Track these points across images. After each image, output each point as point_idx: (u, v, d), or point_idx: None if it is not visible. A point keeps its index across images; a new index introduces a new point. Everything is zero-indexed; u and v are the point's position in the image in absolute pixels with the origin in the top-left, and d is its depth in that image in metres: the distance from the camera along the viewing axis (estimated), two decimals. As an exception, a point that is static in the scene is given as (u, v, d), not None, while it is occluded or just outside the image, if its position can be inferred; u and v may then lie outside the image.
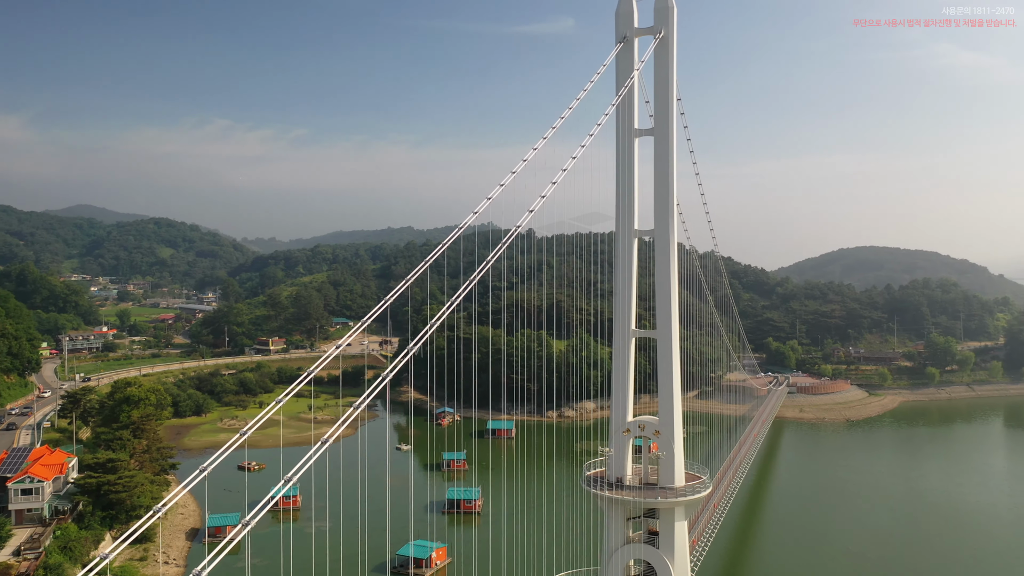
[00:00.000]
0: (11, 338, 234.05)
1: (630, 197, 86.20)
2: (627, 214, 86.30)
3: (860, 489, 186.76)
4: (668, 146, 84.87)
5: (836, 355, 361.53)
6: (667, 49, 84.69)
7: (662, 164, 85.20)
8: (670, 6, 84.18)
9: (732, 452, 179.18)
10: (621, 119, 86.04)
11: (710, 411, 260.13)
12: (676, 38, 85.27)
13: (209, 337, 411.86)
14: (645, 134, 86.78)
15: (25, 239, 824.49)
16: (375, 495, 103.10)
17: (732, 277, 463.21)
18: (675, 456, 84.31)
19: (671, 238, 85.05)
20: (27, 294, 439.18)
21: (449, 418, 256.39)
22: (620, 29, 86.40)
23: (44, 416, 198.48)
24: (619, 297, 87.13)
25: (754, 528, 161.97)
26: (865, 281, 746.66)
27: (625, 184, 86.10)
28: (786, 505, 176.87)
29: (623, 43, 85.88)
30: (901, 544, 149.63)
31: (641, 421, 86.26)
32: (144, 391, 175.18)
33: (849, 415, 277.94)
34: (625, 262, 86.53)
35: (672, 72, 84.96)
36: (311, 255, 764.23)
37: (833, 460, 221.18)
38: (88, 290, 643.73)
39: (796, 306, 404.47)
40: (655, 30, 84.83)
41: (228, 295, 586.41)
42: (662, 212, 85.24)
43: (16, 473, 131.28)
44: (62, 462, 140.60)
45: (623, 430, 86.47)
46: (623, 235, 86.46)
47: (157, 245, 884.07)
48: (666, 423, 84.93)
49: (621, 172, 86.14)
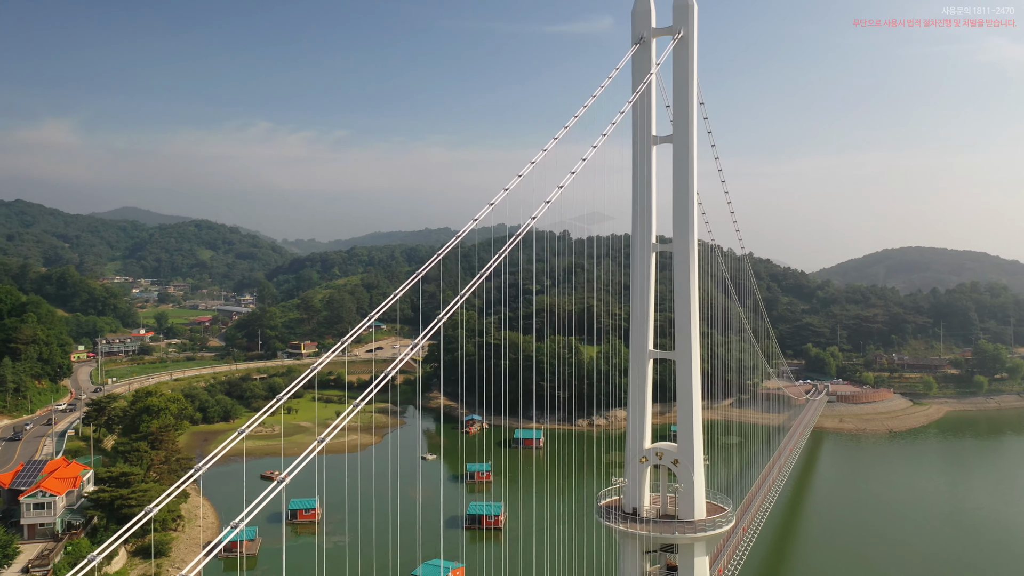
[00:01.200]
0: (42, 344, 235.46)
1: (647, 210, 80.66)
2: (644, 228, 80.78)
3: (901, 507, 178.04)
4: (688, 154, 79.14)
5: (878, 362, 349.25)
6: (687, 50, 79.05)
7: (682, 174, 79.52)
8: (690, 4, 78.53)
9: (765, 469, 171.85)
10: (637, 125, 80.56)
11: (746, 420, 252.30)
12: (697, 38, 79.56)
13: (243, 340, 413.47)
14: (663, 141, 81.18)
15: (70, 241, 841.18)
16: (396, 508, 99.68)
17: (771, 280, 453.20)
18: (695, 488, 78.56)
19: (691, 254, 79.24)
20: (67, 297, 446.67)
21: (477, 426, 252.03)
22: (637, 29, 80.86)
23: (70, 424, 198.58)
24: (635, 316, 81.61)
25: (787, 550, 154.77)
26: (910, 283, 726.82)
27: (642, 195, 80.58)
28: (822, 524, 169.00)
29: (640, 44, 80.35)
30: (944, 569, 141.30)
31: (659, 448, 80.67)
32: (164, 401, 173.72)
33: (892, 425, 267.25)
34: (642, 279, 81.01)
35: (692, 74, 79.28)
36: (347, 257, 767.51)
37: (874, 474, 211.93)
38: (129, 292, 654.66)
39: (837, 310, 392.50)
40: (674, 30, 79.25)
41: (264, 297, 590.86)
42: (681, 226, 79.56)
43: (30, 486, 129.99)
44: (76, 475, 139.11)
45: (639, 458, 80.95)
46: (640, 250, 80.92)
47: (197, 247, 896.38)
48: (685, 451, 79.26)
49: (637, 182, 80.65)
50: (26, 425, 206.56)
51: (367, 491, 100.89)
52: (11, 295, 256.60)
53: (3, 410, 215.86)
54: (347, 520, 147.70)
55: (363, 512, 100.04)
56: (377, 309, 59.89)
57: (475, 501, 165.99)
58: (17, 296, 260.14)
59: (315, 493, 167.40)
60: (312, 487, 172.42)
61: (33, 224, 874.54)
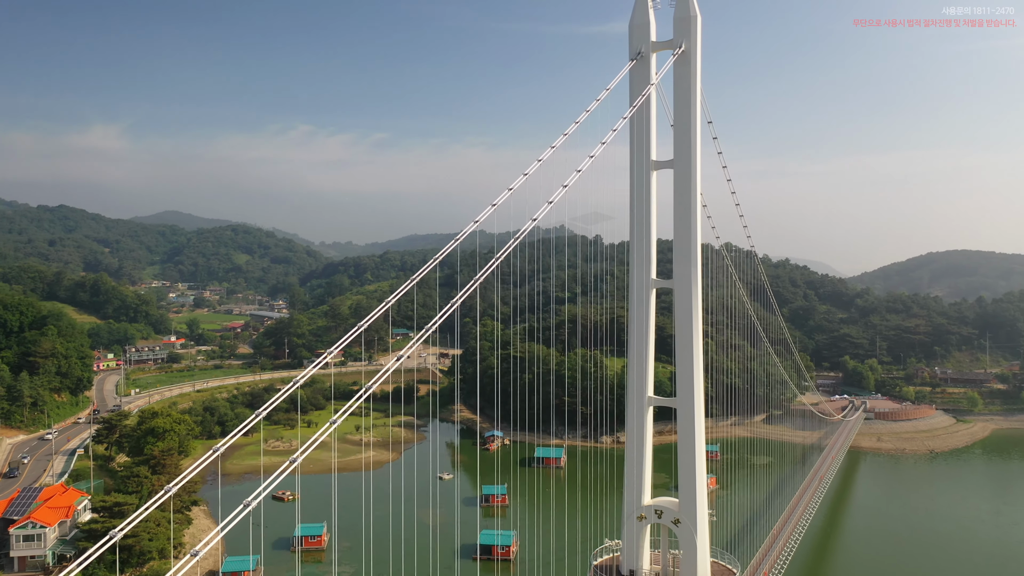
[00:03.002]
0: (60, 357, 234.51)
1: (646, 243, 73.34)
2: (643, 262, 73.48)
3: (940, 538, 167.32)
4: (691, 182, 71.66)
5: (920, 376, 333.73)
6: (689, 66, 71.56)
7: (684, 203, 72.03)
8: (692, 15, 71.05)
9: (794, 498, 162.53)
10: (635, 149, 73.34)
11: (777, 438, 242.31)
12: (700, 52, 72.02)
13: (270, 348, 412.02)
14: (664, 167, 73.77)
15: (110, 246, 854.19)
16: (407, 535, 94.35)
17: (808, 287, 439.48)
18: (698, 551, 70.98)
19: (694, 292, 71.73)
20: (100, 304, 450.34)
21: (498, 442, 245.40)
22: (635, 44, 73.59)
23: (82, 442, 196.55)
24: (633, 359, 74.29)
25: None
26: (955, 288, 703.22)
27: (641, 227, 73.29)
28: (856, 556, 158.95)
29: (637, 60, 73.04)
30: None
31: (659, 506, 73.25)
32: (170, 422, 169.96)
33: (933, 445, 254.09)
34: (640, 319, 73.68)
35: (695, 93, 71.77)
36: (379, 262, 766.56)
37: (912, 500, 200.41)
38: (166, 297, 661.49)
39: (876, 320, 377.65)
40: (675, 44, 71.85)
41: (294, 303, 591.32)
42: (684, 261, 72.06)
43: (22, 516, 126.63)
44: (70, 504, 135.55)
45: (637, 515, 73.63)
46: (639, 286, 73.63)
47: (234, 251, 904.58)
48: (687, 510, 71.72)
49: (636, 213, 73.38)
50: (45, 436, 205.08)
51: (378, 514, 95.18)
52: (32, 308, 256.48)
53: (20, 425, 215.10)
54: (357, 547, 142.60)
55: (373, 539, 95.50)
56: (377, 310, 55.80)
57: (487, 529, 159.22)
58: (38, 309, 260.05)
59: (326, 516, 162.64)
60: (324, 509, 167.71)
61: (75, 229, 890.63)
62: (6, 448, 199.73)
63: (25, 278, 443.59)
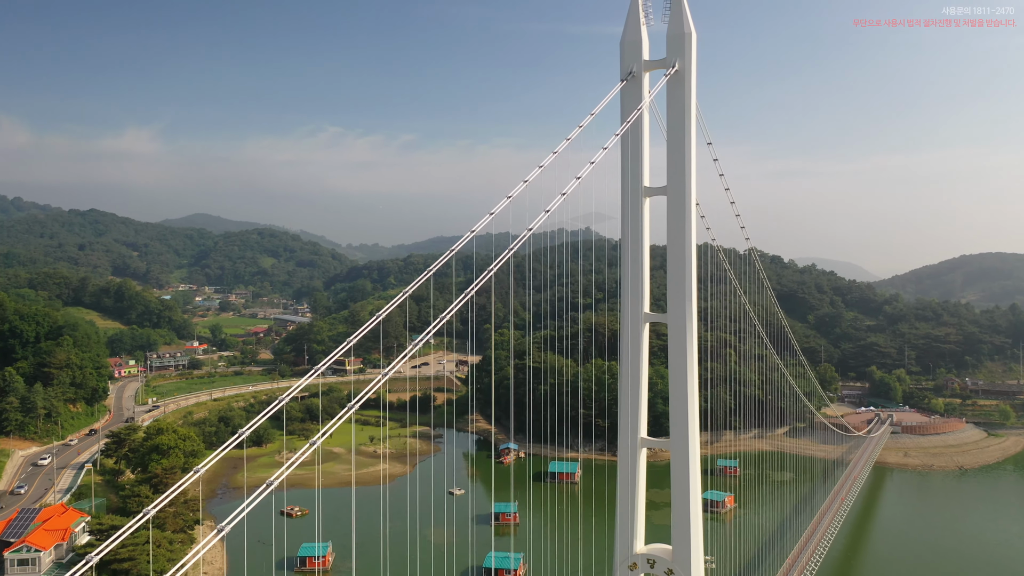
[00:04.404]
0: (75, 368, 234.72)
1: (639, 274, 68.98)
2: (636, 295, 69.15)
3: (967, 563, 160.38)
4: (685, 212, 67.12)
5: (949, 387, 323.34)
6: (683, 86, 67.04)
7: (677, 233, 67.55)
8: (686, 32, 66.53)
9: (814, 520, 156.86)
10: (627, 174, 69.11)
11: (800, 452, 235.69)
12: (695, 72, 67.48)
13: (290, 355, 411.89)
14: (657, 193, 69.38)
15: (139, 250, 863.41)
16: (413, 556, 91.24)
17: (834, 294, 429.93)
18: (692, 604, 66.56)
19: (689, 329, 67.24)
20: (124, 310, 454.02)
21: (512, 455, 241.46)
22: (626, 63, 69.18)
23: (92, 456, 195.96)
24: (625, 399, 69.95)
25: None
26: (989, 292, 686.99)
27: (634, 257, 68.92)
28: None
29: (628, 80, 68.71)
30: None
31: (651, 554, 68.88)
32: (175, 439, 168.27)
33: (963, 461, 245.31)
34: (632, 355, 69.36)
35: (690, 115, 67.22)
36: (403, 265, 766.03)
37: (939, 520, 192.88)
38: (192, 300, 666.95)
39: (905, 328, 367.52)
40: (668, 63, 67.39)
41: (316, 308, 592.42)
42: (678, 297, 67.60)
43: (19, 539, 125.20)
44: (67, 527, 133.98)
45: (629, 564, 69.34)
46: (631, 322, 69.32)
47: (259, 255, 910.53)
48: (681, 560, 67.27)
49: (627, 243, 69.07)
50: (44, 456, 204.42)
51: (387, 531, 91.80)
52: (48, 318, 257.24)
53: (34, 436, 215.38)
54: (362, 568, 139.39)
55: (379, 559, 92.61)
56: (373, 318, 52.24)
57: (494, 551, 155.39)
58: (54, 319, 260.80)
59: (333, 533, 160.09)
60: (332, 526, 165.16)
61: (105, 233, 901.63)
62: (18, 461, 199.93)
63: (51, 284, 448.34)
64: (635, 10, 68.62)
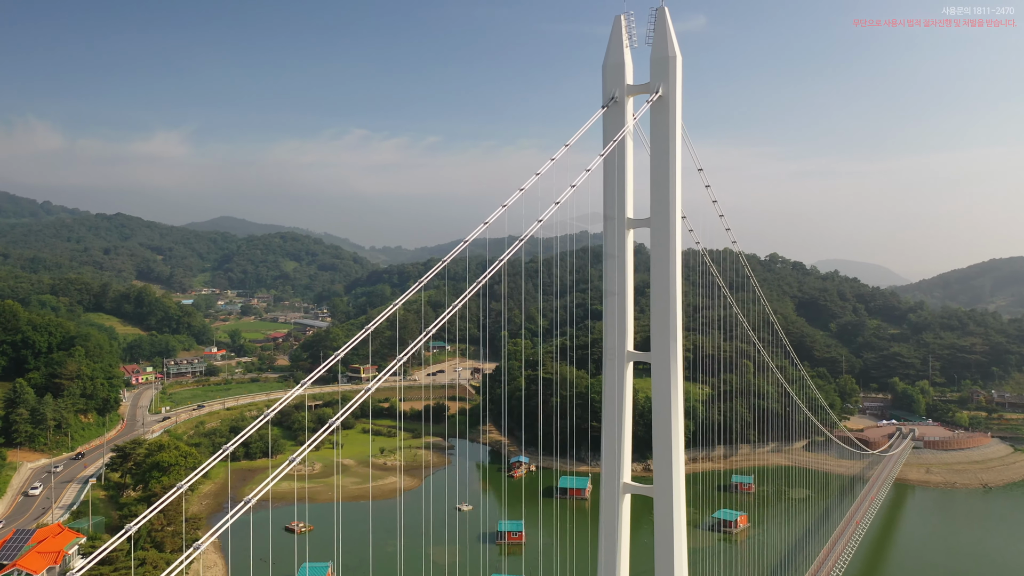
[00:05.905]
0: (86, 379, 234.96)
1: (622, 309, 65.55)
2: (619, 332, 65.75)
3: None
4: (669, 243, 63.63)
5: (975, 399, 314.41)
6: (667, 112, 63.58)
7: (661, 267, 64.06)
8: (671, 55, 63.08)
9: (827, 545, 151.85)
10: (609, 205, 65.75)
11: (818, 467, 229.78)
12: (680, 97, 63.94)
13: (307, 361, 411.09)
14: (641, 225, 65.91)
15: (164, 254, 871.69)
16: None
17: (857, 301, 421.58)
18: (676, 661, 63.01)
19: (674, 369, 63.64)
20: (143, 316, 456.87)
21: (523, 469, 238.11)
22: (608, 87, 65.89)
23: (97, 470, 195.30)
24: (608, 442, 66.46)
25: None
26: (1020, 298, 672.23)
27: (617, 291, 65.54)
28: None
29: (611, 105, 65.33)
30: None
31: (634, 606, 65.38)
32: (176, 455, 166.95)
33: (987, 478, 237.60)
34: (616, 394, 65.92)
35: (675, 142, 63.72)
36: (423, 270, 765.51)
37: (960, 543, 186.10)
38: (214, 304, 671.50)
39: (929, 338, 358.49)
40: (651, 88, 63.96)
41: (335, 313, 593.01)
42: (662, 333, 64.08)
43: (12, 561, 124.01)
44: (60, 549, 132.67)
45: (611, 615, 65.93)
46: (614, 360, 65.88)
47: (282, 259, 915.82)
48: (666, 613, 63.71)
49: (611, 277, 65.67)
50: (54, 468, 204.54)
51: (390, 551, 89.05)
52: (60, 328, 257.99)
53: (44, 448, 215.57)
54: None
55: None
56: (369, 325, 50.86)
57: (497, 573, 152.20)
58: (67, 329, 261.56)
59: (339, 551, 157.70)
60: (335, 544, 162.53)
61: (131, 237, 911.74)
62: (26, 473, 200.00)
63: (72, 290, 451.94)
64: (618, 31, 65.34)
